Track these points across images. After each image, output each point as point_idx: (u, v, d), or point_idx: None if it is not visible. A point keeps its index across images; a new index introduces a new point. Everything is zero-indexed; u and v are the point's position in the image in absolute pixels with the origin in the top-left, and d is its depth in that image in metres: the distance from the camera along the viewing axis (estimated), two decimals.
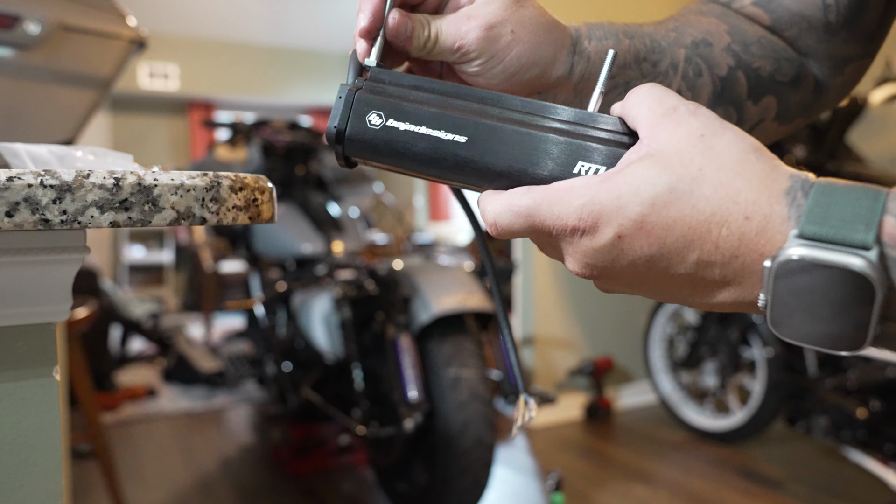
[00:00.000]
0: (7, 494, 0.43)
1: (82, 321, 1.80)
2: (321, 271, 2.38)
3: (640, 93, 0.36)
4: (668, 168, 0.32)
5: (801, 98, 0.55)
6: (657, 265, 0.33)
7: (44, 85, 0.86)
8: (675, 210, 0.31)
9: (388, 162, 0.40)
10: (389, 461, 1.96)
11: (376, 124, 0.40)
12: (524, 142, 0.37)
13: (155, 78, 6.74)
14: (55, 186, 0.36)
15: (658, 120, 0.34)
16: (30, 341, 0.44)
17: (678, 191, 0.31)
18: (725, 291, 0.33)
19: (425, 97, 0.40)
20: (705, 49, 0.52)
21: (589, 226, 0.33)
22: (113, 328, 3.80)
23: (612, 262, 0.34)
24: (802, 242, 0.29)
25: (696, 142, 0.32)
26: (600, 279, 0.36)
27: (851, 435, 2.11)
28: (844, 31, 0.53)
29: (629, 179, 0.32)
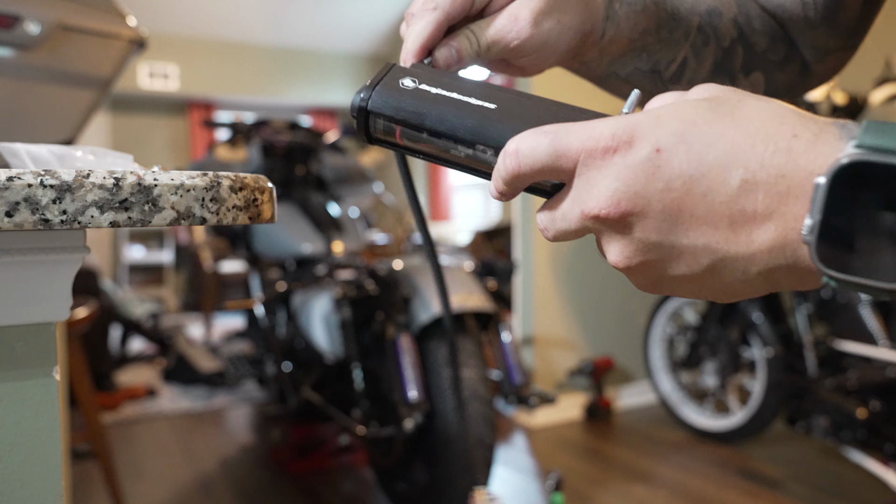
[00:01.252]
0: (7, 494, 0.43)
1: (82, 321, 1.80)
2: (321, 271, 2.39)
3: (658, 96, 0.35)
4: (706, 96, 0.31)
5: (787, 78, 0.55)
6: (696, 188, 0.29)
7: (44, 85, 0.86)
8: (717, 126, 0.29)
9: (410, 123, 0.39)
10: (389, 461, 1.96)
11: (409, 86, 0.40)
12: (554, 111, 0.37)
13: (155, 78, 6.74)
14: (55, 186, 0.36)
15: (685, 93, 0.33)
16: (30, 341, 0.44)
17: (720, 111, 0.29)
18: (765, 228, 0.28)
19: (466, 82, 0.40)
20: (716, 18, 0.51)
21: (624, 141, 0.30)
22: (113, 328, 3.80)
23: (645, 184, 0.29)
24: (861, 151, 0.26)
25: (728, 91, 0.31)
26: (628, 216, 0.31)
27: (851, 435, 2.11)
28: (823, 27, 0.53)
29: (667, 106, 0.31)
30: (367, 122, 0.41)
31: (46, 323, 0.45)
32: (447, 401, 1.82)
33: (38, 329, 0.45)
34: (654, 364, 3.03)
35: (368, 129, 0.41)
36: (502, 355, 2.06)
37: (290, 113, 7.75)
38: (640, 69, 0.51)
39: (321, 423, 2.62)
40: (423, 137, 0.40)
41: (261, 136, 2.78)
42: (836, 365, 2.28)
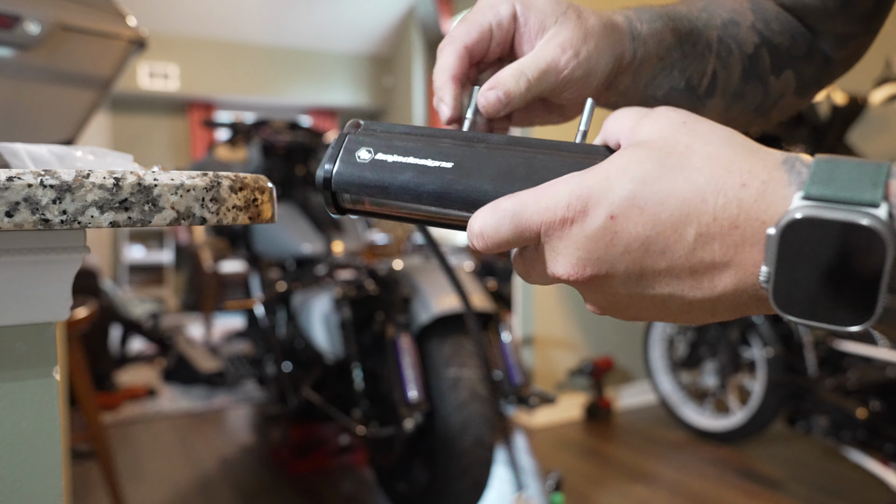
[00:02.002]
0: (7, 494, 0.43)
1: (82, 321, 1.80)
2: (321, 271, 2.38)
3: (615, 114, 0.36)
4: (654, 148, 0.31)
5: (813, 71, 0.56)
6: (654, 247, 0.30)
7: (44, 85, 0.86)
8: (666, 183, 0.30)
9: (376, 195, 0.40)
10: (389, 461, 1.96)
11: (365, 159, 0.40)
12: (510, 163, 0.37)
13: (155, 78, 6.74)
14: (55, 186, 0.36)
15: (638, 121, 0.34)
16: (30, 341, 0.44)
17: (667, 165, 0.30)
18: (727, 275, 0.30)
19: (416, 138, 0.41)
20: (734, 29, 0.52)
21: (578, 211, 0.31)
22: (113, 328, 3.80)
23: (605, 251, 0.31)
24: (809, 203, 0.27)
25: (678, 127, 0.32)
26: (595, 279, 0.32)
27: (851, 435, 2.12)
28: (842, 16, 0.54)
29: (615, 162, 0.31)
30: (335, 197, 0.41)
31: (46, 323, 0.45)
32: (447, 401, 1.82)
33: (38, 329, 0.45)
34: (654, 364, 3.03)
35: (337, 202, 0.42)
36: (502, 355, 2.06)
37: (290, 113, 7.75)
38: (675, 88, 0.51)
39: (321, 423, 2.62)
40: (389, 204, 0.40)
41: (261, 136, 2.78)
42: (836, 365, 2.28)
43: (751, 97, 0.53)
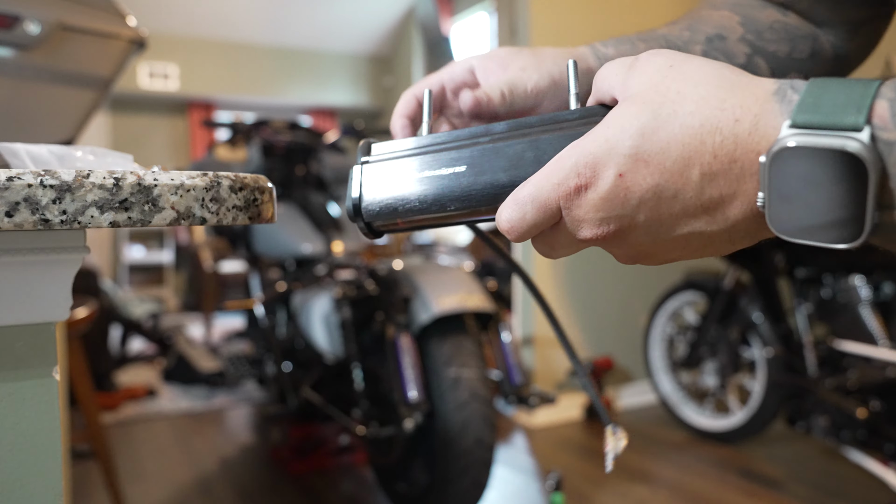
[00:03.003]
0: (7, 494, 0.43)
1: (82, 321, 1.80)
2: (321, 271, 2.38)
3: (602, 70, 0.37)
4: (647, 100, 0.32)
5: (821, 70, 0.57)
6: (665, 194, 0.32)
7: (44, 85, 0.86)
8: (664, 133, 0.31)
9: (406, 215, 0.42)
10: (389, 461, 1.96)
11: (386, 185, 0.43)
12: (518, 150, 0.39)
13: (155, 78, 6.74)
14: (55, 186, 0.36)
15: (626, 74, 0.35)
16: (30, 341, 0.44)
17: (662, 115, 0.32)
18: (735, 205, 0.32)
19: (422, 150, 0.43)
20: (720, 43, 0.55)
21: (589, 177, 0.33)
22: (113, 328, 3.80)
23: (622, 206, 0.33)
24: (795, 132, 0.29)
25: (666, 72, 0.33)
26: (619, 233, 0.34)
27: (851, 435, 2.12)
28: None
29: (612, 123, 0.33)
30: (369, 225, 0.44)
31: (46, 323, 0.45)
32: (447, 401, 1.82)
33: (38, 329, 0.45)
34: (654, 364, 3.03)
35: (372, 228, 0.44)
36: (502, 355, 2.06)
37: (290, 113, 7.75)
38: None
39: (321, 423, 2.62)
40: (419, 218, 0.43)
41: (261, 136, 2.78)
42: (836, 365, 2.28)
43: None
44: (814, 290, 2.37)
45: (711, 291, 2.74)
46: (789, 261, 2.43)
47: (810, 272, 2.38)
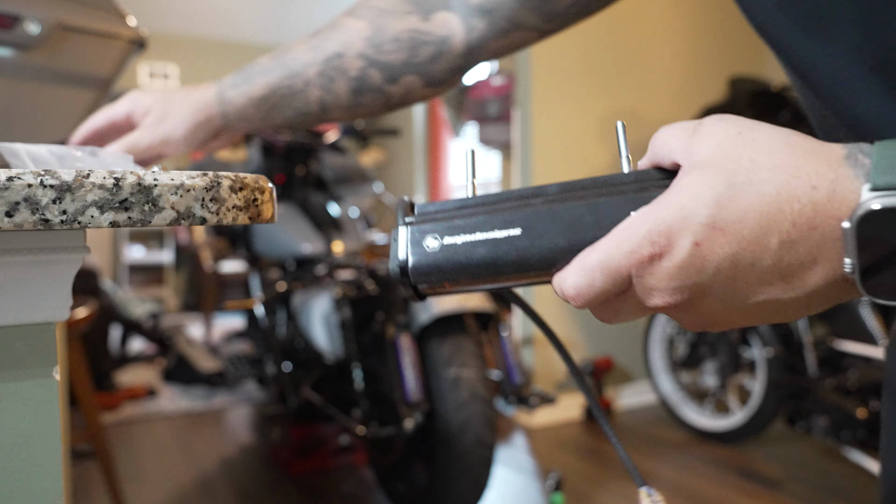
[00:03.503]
0: (7, 494, 0.43)
1: (82, 321, 1.80)
2: (321, 271, 2.38)
3: (660, 133, 0.36)
4: (720, 168, 0.32)
5: (444, 66, 0.68)
6: (742, 262, 0.32)
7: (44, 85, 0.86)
8: (741, 201, 0.31)
9: (455, 277, 0.41)
10: (389, 461, 1.96)
11: (435, 247, 0.41)
12: (575, 213, 0.37)
13: (155, 78, 6.74)
14: (55, 186, 0.36)
15: (690, 139, 0.34)
16: (30, 341, 0.44)
17: (737, 184, 0.31)
18: (815, 272, 0.31)
19: (472, 210, 0.41)
20: (337, 60, 0.67)
21: (664, 245, 0.32)
22: (113, 328, 3.80)
23: (698, 275, 0.32)
24: (877, 194, 0.29)
25: (736, 140, 0.32)
26: (692, 301, 0.33)
27: (851, 435, 2.12)
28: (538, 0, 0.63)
29: (685, 191, 0.32)
30: (416, 288, 0.42)
31: (46, 323, 0.45)
32: (447, 401, 1.82)
33: (38, 329, 0.45)
34: (654, 364, 3.03)
35: (418, 291, 0.42)
36: (502, 355, 2.06)
37: None
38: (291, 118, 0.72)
39: (321, 423, 2.62)
40: (469, 281, 0.41)
41: (260, 135, 2.78)
42: (836, 365, 2.28)
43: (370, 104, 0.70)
44: None
45: None
46: None
47: None
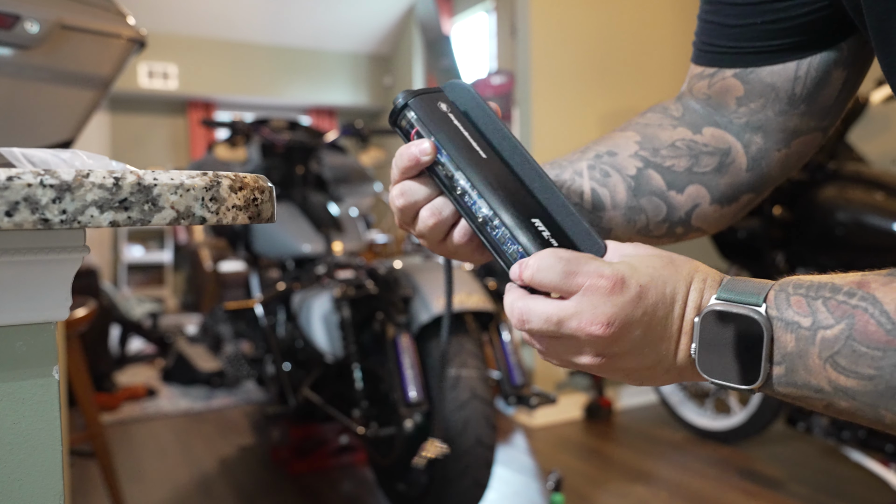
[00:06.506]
0: (7, 494, 0.43)
1: (82, 321, 1.80)
2: (321, 271, 2.38)
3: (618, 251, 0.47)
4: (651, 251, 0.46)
5: (732, 180, 0.63)
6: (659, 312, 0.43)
7: (43, 85, 0.85)
8: (666, 272, 0.44)
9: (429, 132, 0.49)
10: (389, 461, 1.96)
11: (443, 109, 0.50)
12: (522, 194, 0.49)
13: (154, 77, 6.73)
14: (55, 186, 0.36)
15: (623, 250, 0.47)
16: (29, 341, 0.44)
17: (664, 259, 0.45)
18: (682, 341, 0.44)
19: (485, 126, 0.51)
20: (609, 158, 0.63)
21: (618, 282, 0.42)
22: (113, 328, 3.80)
23: (632, 311, 0.42)
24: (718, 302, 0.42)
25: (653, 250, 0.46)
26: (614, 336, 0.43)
27: (851, 435, 2.11)
28: (804, 105, 0.60)
29: (632, 254, 0.46)
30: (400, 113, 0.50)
31: (46, 323, 0.45)
32: (447, 401, 1.82)
33: (38, 329, 0.45)
34: None
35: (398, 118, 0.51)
36: (502, 355, 2.06)
37: (289, 113, 7.75)
38: None
39: (321, 423, 2.62)
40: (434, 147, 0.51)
41: (260, 135, 2.78)
42: None
43: (650, 210, 0.63)
44: None
45: None
46: (790, 260, 2.43)
47: (811, 272, 2.38)
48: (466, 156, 0.48)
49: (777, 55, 0.59)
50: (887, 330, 0.38)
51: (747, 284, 0.43)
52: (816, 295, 0.41)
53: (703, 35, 0.63)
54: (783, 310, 0.41)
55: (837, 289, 0.41)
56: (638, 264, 0.44)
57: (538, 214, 0.47)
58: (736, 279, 0.43)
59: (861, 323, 0.39)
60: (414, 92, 0.50)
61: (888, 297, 0.39)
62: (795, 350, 0.40)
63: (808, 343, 0.40)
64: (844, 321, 0.39)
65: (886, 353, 0.38)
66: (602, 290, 0.42)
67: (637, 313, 0.42)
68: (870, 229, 2.14)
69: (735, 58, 0.61)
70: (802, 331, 0.40)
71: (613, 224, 0.63)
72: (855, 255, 2.21)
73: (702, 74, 0.64)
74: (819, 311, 0.40)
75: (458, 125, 0.50)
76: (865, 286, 0.40)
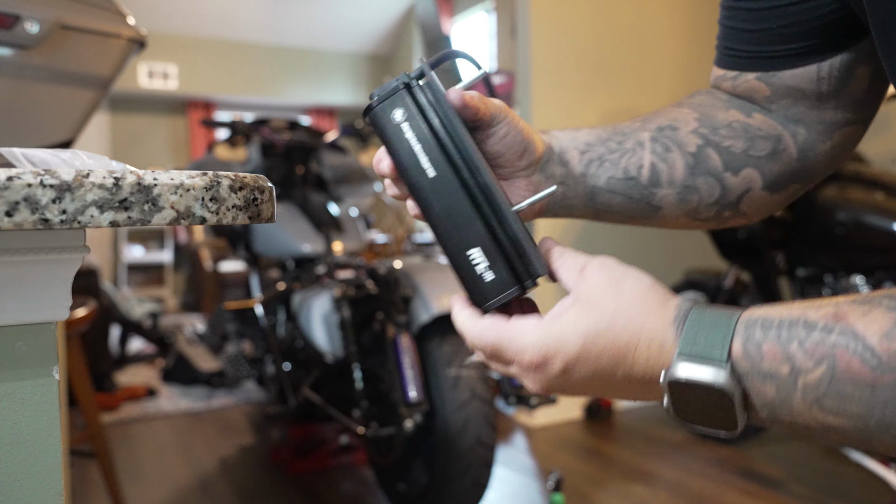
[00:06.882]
0: (7, 494, 0.43)
1: (82, 321, 1.80)
2: (321, 271, 2.38)
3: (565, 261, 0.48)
4: (592, 311, 0.44)
5: (783, 168, 0.62)
6: (595, 381, 0.44)
7: (43, 85, 0.85)
8: (601, 341, 0.43)
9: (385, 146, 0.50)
10: (389, 461, 1.96)
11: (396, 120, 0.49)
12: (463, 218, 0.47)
13: (154, 77, 6.73)
14: (55, 186, 0.36)
15: (577, 279, 0.46)
16: (30, 341, 0.44)
17: (600, 328, 0.43)
18: (648, 391, 0.44)
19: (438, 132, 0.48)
20: (671, 132, 0.61)
21: (540, 361, 0.44)
22: (113, 328, 3.80)
23: (562, 384, 0.44)
24: (682, 360, 0.41)
25: (607, 290, 0.44)
26: (553, 392, 0.47)
27: None
28: (834, 100, 0.59)
29: (566, 323, 0.44)
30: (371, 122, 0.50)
31: (46, 323, 0.45)
32: (447, 401, 1.82)
33: (38, 329, 0.45)
34: None
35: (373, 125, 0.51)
36: None
37: (289, 113, 7.75)
38: (614, 178, 0.61)
39: (321, 423, 2.62)
40: None
41: (260, 135, 2.78)
42: None
43: (705, 190, 0.61)
44: (814, 290, 2.37)
45: (712, 291, 2.74)
46: (790, 260, 2.43)
47: (811, 272, 2.38)
48: (414, 177, 0.48)
49: (796, 58, 0.58)
50: (873, 367, 0.36)
51: (710, 329, 0.40)
52: (790, 337, 0.39)
53: (724, 39, 0.63)
54: (756, 362, 0.39)
55: (812, 325, 0.38)
56: (569, 335, 0.43)
57: (477, 242, 0.47)
58: (698, 319, 0.41)
59: (844, 362, 0.37)
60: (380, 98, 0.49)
61: (869, 329, 0.37)
62: (777, 398, 0.39)
63: (789, 390, 0.39)
64: (825, 363, 0.37)
65: (875, 391, 0.36)
66: (525, 367, 0.44)
67: (570, 381, 0.44)
68: (870, 229, 2.15)
69: (755, 62, 0.61)
70: (782, 380, 0.39)
71: (665, 203, 0.61)
72: (855, 254, 2.22)
73: (724, 77, 0.64)
74: (796, 357, 0.38)
75: (410, 138, 0.48)
76: (843, 319, 0.38)
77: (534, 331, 0.44)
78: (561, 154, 0.59)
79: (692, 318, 0.41)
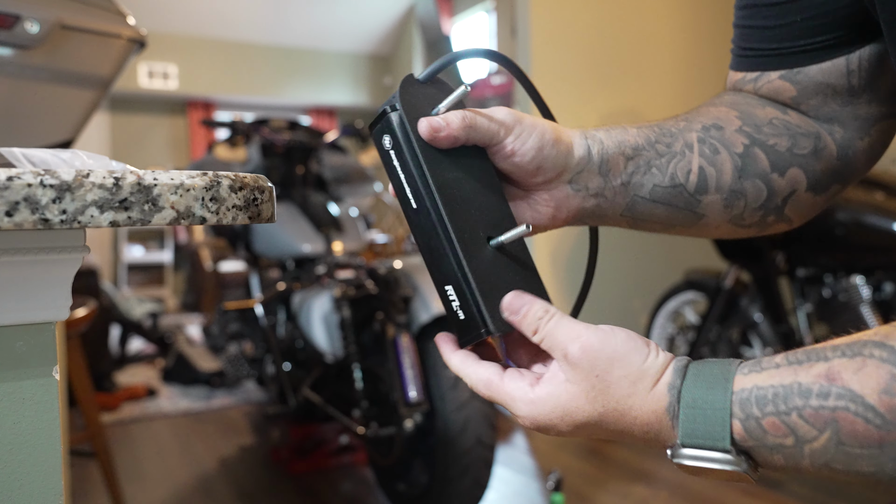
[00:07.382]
0: (7, 494, 0.43)
1: (82, 321, 1.80)
2: (321, 271, 2.38)
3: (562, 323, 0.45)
4: (579, 410, 0.43)
5: (825, 166, 0.59)
6: (592, 435, 0.45)
7: (43, 85, 0.85)
8: (593, 428, 0.44)
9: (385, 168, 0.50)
10: (389, 461, 1.96)
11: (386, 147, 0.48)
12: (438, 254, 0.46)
13: (154, 77, 6.74)
14: (55, 186, 0.36)
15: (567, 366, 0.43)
16: (29, 341, 0.44)
17: (591, 422, 0.43)
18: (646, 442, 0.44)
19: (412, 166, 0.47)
20: (717, 132, 0.57)
21: (535, 429, 0.45)
22: (113, 328, 3.80)
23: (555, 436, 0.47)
24: (686, 448, 0.41)
25: (591, 387, 0.42)
26: None
27: None
28: (867, 94, 0.56)
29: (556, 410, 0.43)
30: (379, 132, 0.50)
31: (46, 323, 0.45)
32: (447, 401, 1.82)
33: (38, 329, 0.45)
34: None
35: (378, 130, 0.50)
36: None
37: (289, 113, 7.75)
38: (660, 185, 0.55)
39: (321, 423, 2.62)
40: None
41: (260, 135, 2.78)
42: None
43: (752, 194, 0.57)
44: (814, 290, 2.37)
45: (712, 291, 2.74)
46: (790, 260, 2.43)
47: (811, 272, 2.38)
48: (404, 205, 0.47)
49: (823, 52, 0.56)
50: (877, 426, 0.36)
51: (706, 414, 0.40)
52: (788, 409, 0.38)
53: (741, 41, 0.60)
54: (760, 438, 0.39)
55: (807, 392, 0.38)
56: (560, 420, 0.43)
57: (450, 280, 0.46)
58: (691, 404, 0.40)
59: (847, 425, 0.37)
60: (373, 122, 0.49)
61: (866, 386, 0.36)
62: (787, 464, 0.40)
63: (797, 458, 0.39)
64: (829, 429, 0.37)
65: (884, 449, 0.36)
66: (525, 426, 0.45)
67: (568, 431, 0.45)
68: (870, 229, 2.15)
69: (779, 59, 0.58)
70: (788, 449, 0.39)
71: (709, 210, 0.57)
72: (855, 254, 2.22)
73: (744, 80, 0.61)
74: (798, 427, 0.38)
75: (397, 166, 0.47)
76: (837, 379, 0.37)
77: (526, 405, 0.44)
78: (603, 162, 0.54)
79: (685, 405, 0.40)
